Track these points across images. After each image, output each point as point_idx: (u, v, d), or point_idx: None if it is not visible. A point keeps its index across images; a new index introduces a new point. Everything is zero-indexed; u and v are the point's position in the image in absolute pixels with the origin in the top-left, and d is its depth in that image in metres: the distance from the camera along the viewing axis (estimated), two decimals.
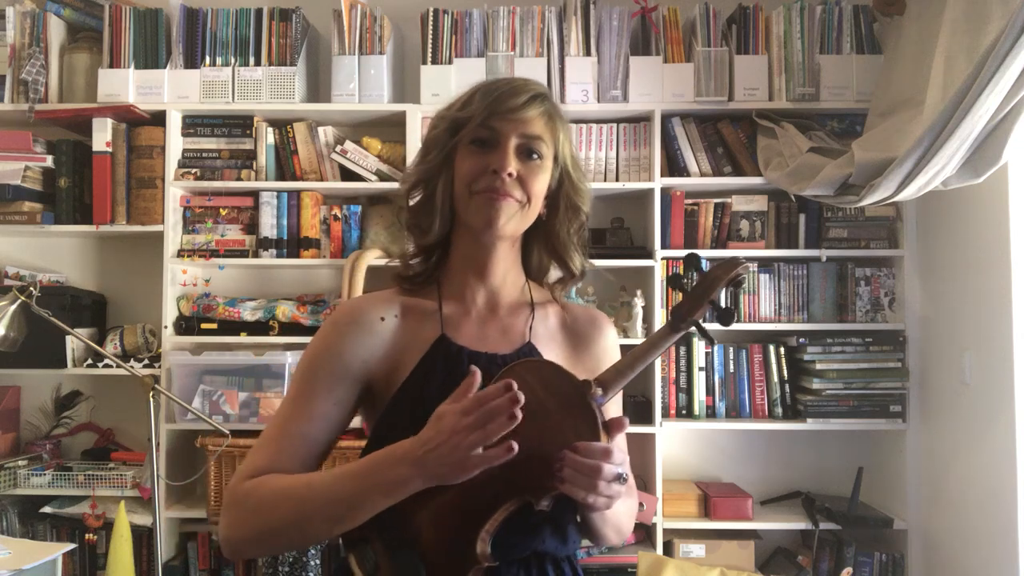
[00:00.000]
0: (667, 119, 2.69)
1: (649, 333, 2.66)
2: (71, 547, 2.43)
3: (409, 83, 2.85)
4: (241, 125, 2.74)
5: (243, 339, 2.67)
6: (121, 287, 2.92)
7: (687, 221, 2.72)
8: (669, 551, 2.60)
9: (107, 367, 2.65)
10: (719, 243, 2.74)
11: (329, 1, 2.72)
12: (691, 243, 2.72)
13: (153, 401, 2.11)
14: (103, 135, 2.67)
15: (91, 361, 2.68)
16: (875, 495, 2.73)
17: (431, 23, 2.69)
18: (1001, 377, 2.21)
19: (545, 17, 2.68)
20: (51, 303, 2.30)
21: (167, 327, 2.67)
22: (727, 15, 2.73)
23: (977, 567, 2.32)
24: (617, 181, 2.70)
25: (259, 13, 2.71)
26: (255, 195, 2.75)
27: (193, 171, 2.72)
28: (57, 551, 2.20)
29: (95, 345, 2.36)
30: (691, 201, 2.74)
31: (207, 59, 2.69)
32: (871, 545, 2.68)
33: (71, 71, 2.75)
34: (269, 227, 2.71)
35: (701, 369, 2.72)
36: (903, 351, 2.65)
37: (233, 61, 2.69)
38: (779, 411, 2.71)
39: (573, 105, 2.66)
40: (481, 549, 0.94)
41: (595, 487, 0.91)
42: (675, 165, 2.70)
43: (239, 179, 2.71)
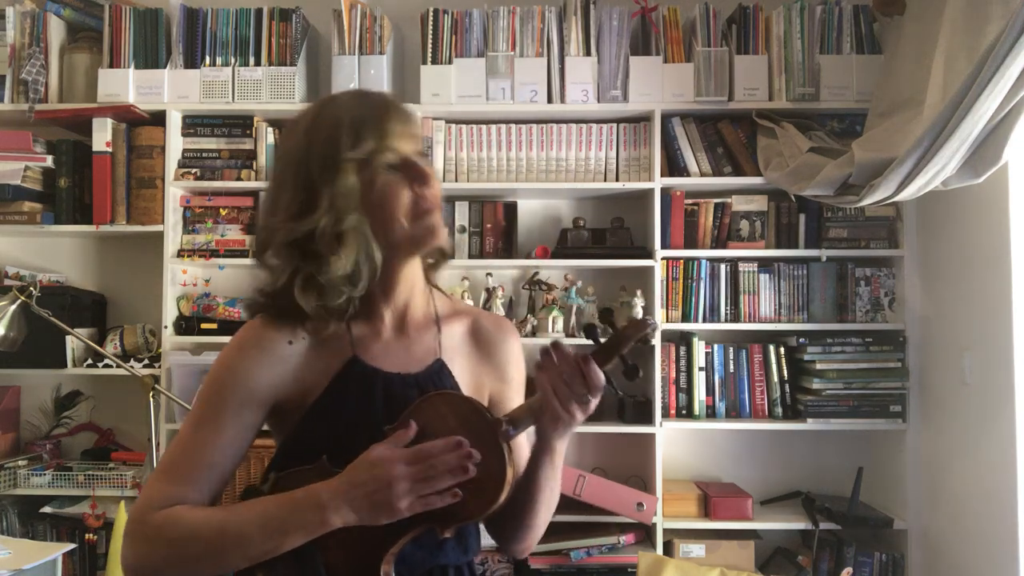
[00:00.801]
0: (667, 119, 2.69)
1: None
2: (71, 547, 2.43)
3: (409, 83, 2.85)
4: (241, 125, 2.74)
5: None
6: (121, 287, 2.92)
7: (687, 221, 2.72)
8: (669, 551, 2.60)
9: (107, 367, 2.65)
10: (719, 243, 2.74)
11: (329, 1, 2.72)
12: (691, 243, 2.72)
13: (153, 401, 2.11)
14: (103, 135, 2.67)
15: (91, 361, 2.68)
16: (875, 495, 2.73)
17: (431, 23, 2.69)
18: (1001, 377, 2.21)
19: (545, 17, 2.68)
20: (51, 303, 2.29)
21: (167, 327, 2.67)
22: (727, 15, 2.73)
23: (977, 567, 2.32)
24: (617, 181, 2.70)
25: (259, 13, 2.71)
26: (255, 195, 2.75)
27: (193, 171, 2.72)
28: (57, 551, 2.20)
29: (95, 345, 2.36)
30: (691, 201, 2.74)
31: (207, 59, 2.69)
32: (871, 545, 2.67)
33: (71, 71, 2.75)
34: None
35: (701, 369, 2.71)
36: (903, 351, 2.65)
37: (233, 61, 2.69)
38: (779, 411, 2.71)
39: (573, 105, 2.66)
40: (385, 571, 0.98)
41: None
42: (675, 165, 2.70)
43: (239, 179, 2.71)
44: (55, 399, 2.85)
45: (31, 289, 2.17)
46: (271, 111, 2.71)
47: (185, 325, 2.69)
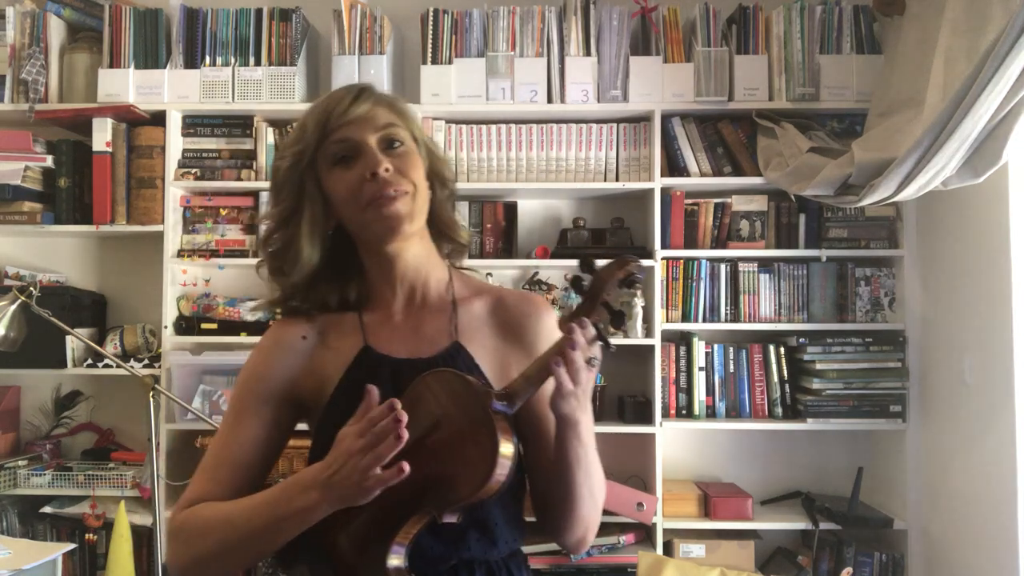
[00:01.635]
0: (667, 119, 2.69)
1: (650, 333, 2.66)
2: (71, 547, 2.43)
3: (409, 83, 2.85)
4: (241, 125, 2.74)
5: (243, 339, 2.67)
6: (121, 287, 2.92)
7: (687, 221, 2.72)
8: (669, 551, 2.60)
9: (107, 367, 2.65)
10: (719, 243, 2.74)
11: (329, 1, 2.72)
12: (691, 243, 2.72)
13: (153, 401, 2.11)
14: (103, 135, 2.67)
15: (91, 361, 2.68)
16: (875, 495, 2.73)
17: (431, 23, 2.69)
18: (1001, 377, 2.21)
19: (545, 17, 2.68)
20: (51, 303, 2.29)
21: (167, 327, 2.67)
22: (727, 15, 2.73)
23: (977, 567, 2.32)
24: (617, 181, 2.70)
25: (259, 13, 2.71)
26: (255, 195, 2.75)
27: (193, 171, 2.71)
28: (57, 551, 2.21)
29: (95, 345, 2.36)
30: (691, 201, 2.74)
31: (207, 59, 2.69)
32: (871, 545, 2.67)
33: (71, 71, 2.75)
34: None
35: (701, 369, 2.71)
36: (903, 351, 2.65)
37: (233, 61, 2.69)
38: (779, 411, 2.71)
39: (573, 105, 2.66)
40: (395, 563, 0.94)
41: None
42: (675, 165, 2.70)
43: (239, 179, 2.71)
44: (55, 399, 2.85)
45: (31, 289, 2.17)
46: (271, 111, 2.71)
47: (185, 325, 2.69)
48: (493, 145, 2.72)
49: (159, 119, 2.69)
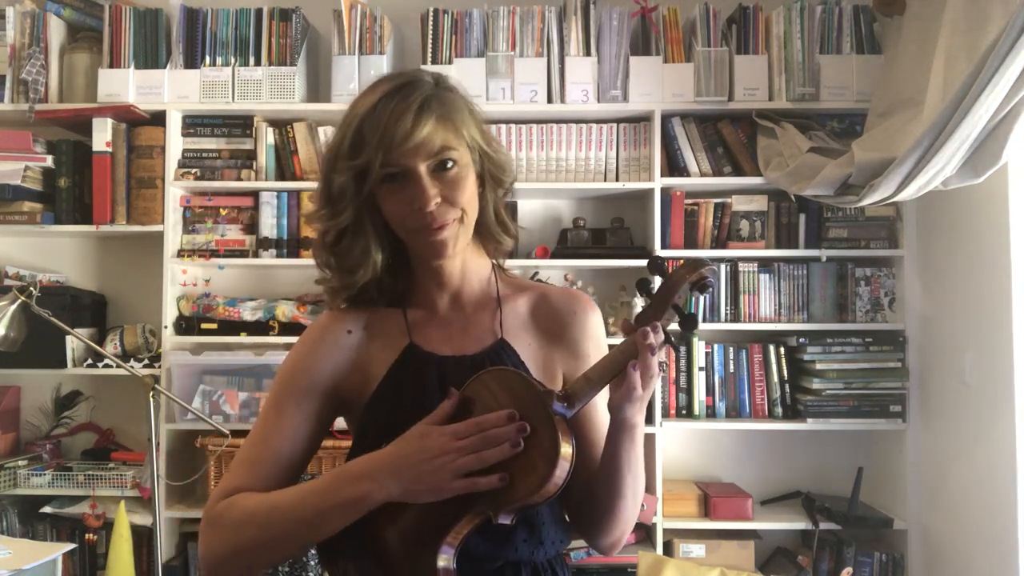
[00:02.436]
0: (667, 119, 2.69)
1: None
2: (71, 547, 2.43)
3: None
4: (241, 125, 2.74)
5: (243, 339, 2.67)
6: (121, 287, 2.92)
7: (687, 221, 2.72)
8: (669, 551, 2.60)
9: (107, 367, 2.65)
10: (719, 243, 2.74)
11: (329, 1, 2.72)
12: (691, 243, 2.72)
13: (153, 401, 2.11)
14: (103, 135, 2.67)
15: (91, 361, 2.68)
16: (875, 495, 2.73)
17: (431, 23, 2.69)
18: (1001, 377, 2.21)
19: (545, 17, 2.68)
20: (51, 303, 2.29)
21: (167, 327, 2.67)
22: (727, 15, 2.73)
23: (977, 567, 2.32)
24: (617, 181, 2.70)
25: (259, 13, 2.71)
26: (255, 195, 2.74)
27: (193, 171, 2.71)
28: (57, 551, 2.20)
29: (95, 345, 2.36)
30: (691, 201, 2.74)
31: (207, 59, 2.69)
32: (871, 545, 2.68)
33: (71, 71, 2.75)
34: (269, 227, 2.71)
35: (701, 369, 2.71)
36: (903, 351, 2.65)
37: (233, 61, 2.69)
38: (779, 411, 2.71)
39: (573, 105, 2.66)
40: (443, 564, 0.93)
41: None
42: (675, 165, 2.70)
43: (239, 179, 2.71)
44: (55, 399, 2.85)
45: (31, 289, 2.17)
46: (271, 111, 2.71)
47: (185, 325, 2.69)
48: None
49: (159, 119, 2.69)
